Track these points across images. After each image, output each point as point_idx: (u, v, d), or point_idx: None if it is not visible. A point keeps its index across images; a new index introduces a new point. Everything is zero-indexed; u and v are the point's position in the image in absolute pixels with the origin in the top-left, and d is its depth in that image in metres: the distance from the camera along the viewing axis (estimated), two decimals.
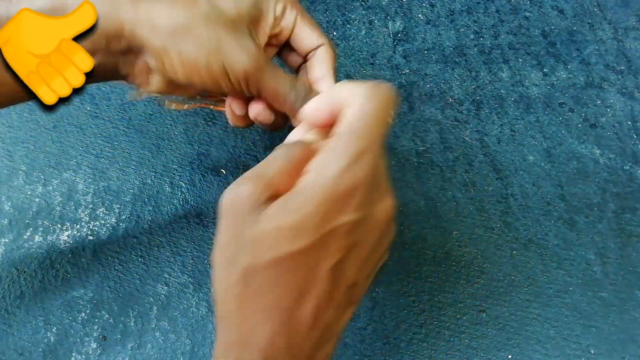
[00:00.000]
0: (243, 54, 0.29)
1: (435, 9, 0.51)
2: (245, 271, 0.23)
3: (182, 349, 0.36)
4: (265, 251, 0.23)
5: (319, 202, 0.23)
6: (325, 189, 0.23)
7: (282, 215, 0.23)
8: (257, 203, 0.24)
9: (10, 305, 0.38)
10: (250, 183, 0.24)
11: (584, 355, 0.36)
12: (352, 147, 0.24)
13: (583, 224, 0.41)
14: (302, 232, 0.23)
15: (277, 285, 0.24)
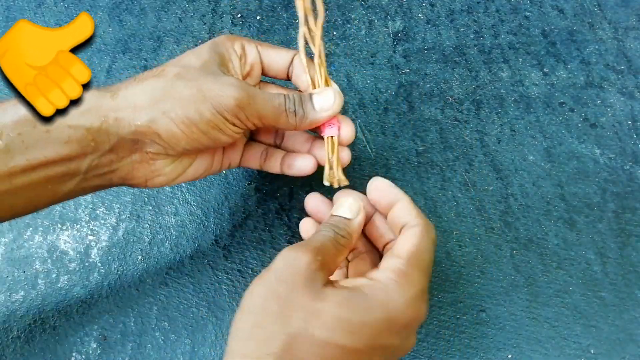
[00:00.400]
0: (227, 88, 0.29)
1: (435, 8, 0.51)
2: (293, 335, 0.25)
3: (182, 349, 0.36)
4: (320, 329, 0.25)
5: (384, 319, 0.26)
6: (394, 311, 0.26)
7: (346, 309, 0.25)
8: (315, 277, 0.26)
9: (11, 305, 0.38)
10: (311, 255, 0.26)
11: (584, 355, 0.36)
12: (419, 280, 0.27)
13: (583, 223, 0.41)
14: (359, 335, 0.25)
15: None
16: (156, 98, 0.29)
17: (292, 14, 0.50)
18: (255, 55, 0.33)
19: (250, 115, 0.30)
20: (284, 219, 0.41)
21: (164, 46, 0.48)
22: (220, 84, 0.29)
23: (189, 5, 0.50)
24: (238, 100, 0.29)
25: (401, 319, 0.26)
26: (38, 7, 0.49)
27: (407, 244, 0.29)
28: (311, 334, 0.25)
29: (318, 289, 0.26)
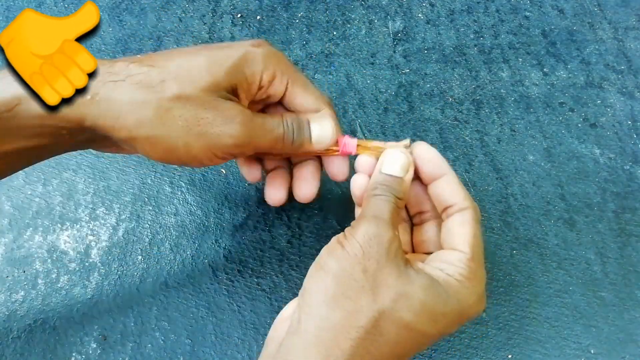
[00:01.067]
0: (226, 126, 0.26)
1: (435, 8, 0.51)
2: (381, 312, 0.25)
3: (182, 349, 0.36)
4: (407, 312, 0.25)
5: (459, 314, 0.27)
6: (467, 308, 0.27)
7: (431, 297, 0.26)
8: (397, 254, 0.26)
9: (11, 305, 0.38)
10: (392, 231, 0.27)
11: (584, 355, 0.36)
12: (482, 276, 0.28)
13: (583, 223, 0.41)
14: (437, 324, 0.26)
15: (394, 344, 0.26)
16: (143, 120, 0.25)
17: (292, 14, 0.50)
18: (279, 92, 0.30)
19: (245, 151, 0.29)
20: (284, 219, 0.41)
21: (164, 46, 0.48)
22: (221, 120, 0.26)
23: (189, 5, 0.50)
24: (236, 140, 0.27)
25: (471, 313, 0.28)
26: (38, 7, 0.49)
27: (465, 233, 0.29)
28: (399, 315, 0.25)
29: (403, 269, 0.26)
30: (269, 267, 0.39)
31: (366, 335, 0.25)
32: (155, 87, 0.26)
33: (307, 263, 0.39)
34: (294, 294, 0.38)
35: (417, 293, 0.26)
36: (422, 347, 0.27)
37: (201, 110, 0.26)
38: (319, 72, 0.47)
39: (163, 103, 0.26)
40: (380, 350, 0.25)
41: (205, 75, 0.26)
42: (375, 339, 0.25)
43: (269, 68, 0.29)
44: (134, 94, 0.26)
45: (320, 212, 0.41)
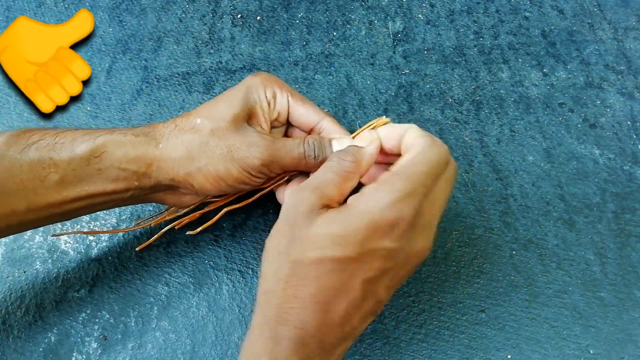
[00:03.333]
0: (253, 149, 0.33)
1: (435, 9, 0.51)
2: (294, 262, 0.28)
3: (183, 349, 0.36)
4: (313, 250, 0.28)
5: (366, 224, 0.27)
6: (373, 214, 0.28)
7: (332, 225, 0.28)
8: (312, 208, 0.29)
9: (11, 305, 0.38)
10: (309, 192, 0.29)
11: (583, 355, 0.36)
12: (403, 186, 0.28)
13: (582, 224, 0.41)
14: (346, 243, 0.28)
15: (317, 280, 0.28)
16: (192, 155, 0.33)
17: (292, 14, 0.50)
18: (284, 105, 0.36)
19: (273, 169, 0.34)
20: None
21: (164, 46, 0.48)
22: (248, 144, 0.33)
23: (189, 5, 0.50)
24: (262, 160, 0.33)
25: (382, 221, 0.27)
26: (38, 7, 0.49)
27: (401, 160, 0.30)
28: (307, 256, 0.28)
29: (313, 218, 0.28)
30: None
31: (287, 285, 0.28)
32: (194, 128, 0.33)
33: None
34: None
35: (319, 229, 0.28)
36: (348, 270, 0.28)
37: (230, 139, 0.33)
38: (319, 73, 0.47)
39: (203, 139, 0.33)
40: (305, 290, 0.28)
41: (227, 111, 0.34)
42: (297, 284, 0.28)
43: (269, 87, 0.35)
44: (182, 136, 0.33)
45: None
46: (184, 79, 0.47)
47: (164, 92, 0.46)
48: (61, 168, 0.30)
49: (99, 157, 0.31)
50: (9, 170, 0.30)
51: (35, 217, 0.32)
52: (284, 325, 0.28)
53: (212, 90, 0.46)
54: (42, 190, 0.30)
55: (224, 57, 0.48)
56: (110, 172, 0.32)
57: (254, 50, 0.48)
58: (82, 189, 0.31)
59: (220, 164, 0.33)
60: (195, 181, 0.33)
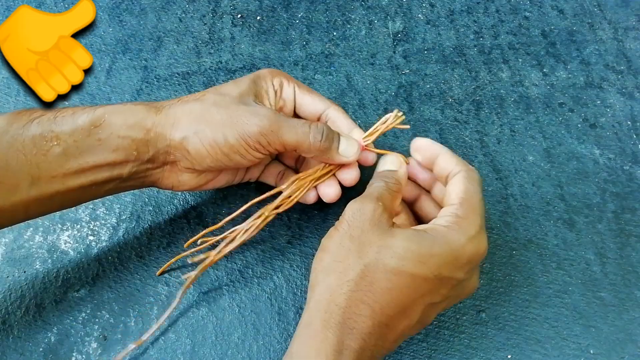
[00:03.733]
0: (254, 117, 0.32)
1: (435, 9, 0.51)
2: (367, 265, 0.28)
3: (182, 348, 0.36)
4: (394, 259, 0.28)
5: (450, 252, 0.29)
6: (459, 245, 0.29)
7: (416, 243, 0.29)
8: (381, 218, 0.30)
9: (11, 305, 0.38)
10: (374, 201, 0.31)
11: (583, 355, 0.36)
12: (479, 220, 0.30)
13: (582, 224, 0.41)
14: (429, 264, 0.28)
15: (390, 292, 0.28)
16: (192, 119, 0.32)
17: (292, 14, 0.50)
18: (291, 95, 0.37)
19: (272, 141, 0.33)
20: (284, 219, 0.41)
21: (164, 46, 0.48)
22: (249, 113, 0.32)
23: (189, 5, 0.50)
24: (261, 127, 0.32)
25: (464, 254, 0.29)
26: (38, 6, 0.49)
27: (455, 190, 0.31)
28: (384, 263, 0.28)
29: (386, 229, 0.29)
30: (269, 267, 0.39)
31: (357, 287, 0.28)
32: (199, 99, 0.33)
33: (307, 263, 0.39)
34: (294, 294, 0.38)
35: (399, 242, 0.29)
36: (421, 290, 0.28)
37: (233, 108, 0.33)
38: (319, 73, 0.47)
39: (205, 107, 0.33)
40: (374, 298, 0.28)
41: (233, 89, 0.34)
42: (367, 289, 0.28)
43: (276, 77, 0.36)
44: (184, 105, 0.33)
45: (320, 212, 0.41)
46: (184, 78, 0.47)
47: (164, 92, 0.46)
48: (63, 140, 0.31)
49: (99, 127, 0.31)
50: (12, 145, 0.30)
51: (39, 193, 0.31)
52: (349, 334, 0.27)
53: None
54: (45, 165, 0.30)
55: (224, 57, 0.48)
56: (111, 141, 0.31)
57: (254, 50, 0.48)
58: (84, 160, 0.31)
59: (218, 130, 0.32)
60: (190, 146, 0.32)
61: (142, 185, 0.35)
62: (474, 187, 0.31)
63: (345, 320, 0.27)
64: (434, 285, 0.29)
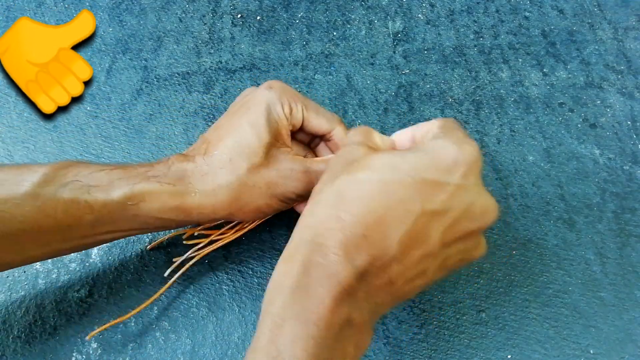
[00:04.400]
0: (289, 185, 0.33)
1: (435, 9, 0.51)
2: (337, 185, 0.26)
3: (183, 349, 0.36)
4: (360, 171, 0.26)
5: (429, 157, 0.26)
6: (433, 148, 0.27)
7: (385, 155, 0.27)
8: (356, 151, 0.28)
9: (11, 305, 0.38)
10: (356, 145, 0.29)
11: (583, 355, 0.36)
12: (457, 133, 0.28)
13: (582, 224, 0.41)
14: (399, 169, 0.26)
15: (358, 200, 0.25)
16: (233, 197, 0.32)
17: (292, 14, 0.50)
18: (299, 116, 0.36)
19: (306, 195, 0.33)
20: (284, 219, 0.41)
21: (164, 46, 0.48)
22: (284, 178, 0.33)
23: (189, 5, 0.50)
24: (296, 191, 0.34)
25: (446, 155, 0.26)
26: (38, 7, 0.49)
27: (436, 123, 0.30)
28: (354, 177, 0.26)
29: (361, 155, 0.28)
30: (269, 267, 0.39)
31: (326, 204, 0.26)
32: (229, 169, 0.32)
33: None
34: None
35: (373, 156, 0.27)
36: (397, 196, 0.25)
37: (266, 175, 0.33)
38: (319, 73, 0.47)
39: (242, 180, 0.32)
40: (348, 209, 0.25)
41: (256, 143, 0.33)
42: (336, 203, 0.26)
43: (285, 102, 0.34)
44: (219, 180, 0.32)
45: None
46: (184, 78, 0.47)
47: (163, 92, 0.46)
48: (96, 210, 0.31)
49: (136, 205, 0.31)
50: (43, 210, 0.30)
51: (70, 246, 0.33)
52: (317, 251, 0.25)
53: (212, 90, 0.46)
54: (76, 227, 0.31)
55: (224, 57, 0.48)
56: (147, 219, 0.32)
57: (254, 50, 0.48)
58: (118, 227, 0.32)
59: (260, 200, 0.33)
60: (235, 217, 0.34)
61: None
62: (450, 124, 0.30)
63: (313, 237, 0.25)
64: (418, 190, 0.25)
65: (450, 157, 0.26)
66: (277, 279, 0.26)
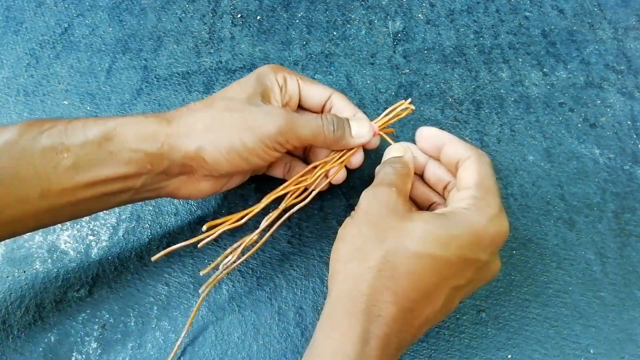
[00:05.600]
0: (268, 118, 0.32)
1: (435, 9, 0.51)
2: (388, 250, 0.28)
3: (182, 348, 0.36)
4: (413, 242, 0.27)
5: (471, 233, 0.28)
6: (479, 225, 0.28)
7: (434, 225, 0.28)
8: (397, 204, 0.30)
9: (11, 305, 0.38)
10: (387, 187, 0.30)
11: (583, 355, 0.36)
12: (497, 201, 0.29)
13: (583, 223, 0.41)
14: (450, 246, 0.27)
15: (412, 275, 0.27)
16: (205, 128, 0.32)
17: (292, 14, 0.50)
18: (295, 88, 0.36)
19: (290, 139, 0.33)
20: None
21: (164, 46, 0.48)
22: (263, 114, 0.32)
23: (189, 5, 0.50)
24: (279, 127, 0.32)
25: (486, 234, 0.28)
26: (38, 7, 0.49)
27: (468, 173, 0.31)
28: (405, 246, 0.27)
29: (404, 213, 0.29)
30: (269, 267, 0.39)
31: (379, 274, 0.27)
32: (208, 106, 0.33)
33: (307, 263, 0.39)
34: (294, 294, 0.38)
35: (419, 225, 0.28)
36: (444, 273, 0.27)
37: (246, 112, 0.32)
38: (319, 73, 0.47)
39: (216, 113, 0.32)
40: (397, 283, 0.27)
41: (240, 92, 0.34)
42: (390, 275, 0.27)
43: (279, 73, 0.36)
44: (195, 114, 0.33)
45: (320, 212, 0.41)
46: (183, 78, 0.47)
47: (163, 92, 0.46)
48: (73, 152, 0.30)
49: (111, 140, 0.31)
50: (22, 157, 0.29)
51: (49, 205, 0.31)
52: (374, 322, 0.26)
53: (212, 90, 0.46)
54: (55, 177, 0.30)
55: (223, 57, 0.48)
56: (123, 155, 0.31)
57: (254, 50, 0.48)
58: (95, 173, 0.31)
59: (234, 135, 0.32)
60: (207, 155, 0.32)
61: (157, 196, 0.35)
62: (486, 169, 0.31)
63: (369, 307, 0.27)
64: (457, 268, 0.28)
65: (489, 237, 0.28)
66: (332, 344, 0.27)
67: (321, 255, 0.39)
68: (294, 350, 0.36)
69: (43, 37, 0.49)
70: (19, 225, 0.32)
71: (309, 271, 0.39)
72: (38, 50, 0.49)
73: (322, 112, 0.38)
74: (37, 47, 0.49)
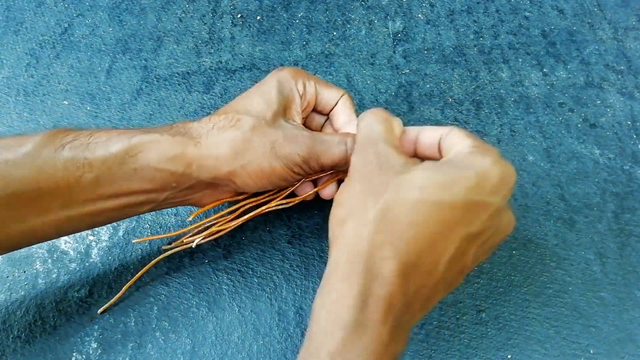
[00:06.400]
0: (295, 145, 0.32)
1: (435, 9, 0.51)
2: (386, 202, 0.25)
3: (182, 348, 0.36)
4: (412, 191, 0.25)
5: (477, 174, 0.25)
6: (483, 168, 0.26)
7: (436, 171, 0.26)
8: (385, 155, 0.27)
9: (11, 305, 0.38)
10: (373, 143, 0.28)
11: (583, 355, 0.36)
12: (493, 150, 0.27)
13: (582, 224, 0.41)
14: (451, 189, 0.25)
15: (411, 226, 0.25)
16: (235, 152, 0.32)
17: (292, 14, 0.50)
18: (313, 94, 0.36)
19: (312, 166, 0.33)
20: (284, 219, 0.41)
21: (164, 46, 0.48)
22: (289, 140, 0.33)
23: (189, 5, 0.50)
24: (302, 157, 0.33)
25: (492, 175, 0.26)
26: (38, 7, 0.49)
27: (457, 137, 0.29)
28: (403, 196, 0.25)
29: (399, 164, 0.27)
30: (269, 267, 0.39)
31: (377, 229, 0.25)
32: (235, 125, 0.32)
33: (308, 263, 0.39)
34: (294, 294, 0.38)
35: (418, 172, 0.26)
36: (449, 219, 0.25)
37: (272, 135, 0.32)
38: (319, 73, 0.47)
39: (246, 135, 0.32)
40: (398, 236, 0.25)
41: (265, 108, 0.33)
42: (390, 228, 0.25)
43: (299, 80, 0.35)
44: (223, 134, 0.32)
45: (320, 212, 0.41)
46: (183, 78, 0.47)
47: (163, 92, 0.46)
48: (96, 167, 0.30)
49: (134, 157, 0.31)
50: (43, 169, 0.29)
51: (70, 215, 0.31)
52: (374, 280, 0.24)
53: (212, 90, 0.46)
54: (77, 189, 0.30)
55: (223, 57, 0.48)
56: (147, 172, 0.31)
57: (254, 50, 0.48)
58: (118, 186, 0.31)
59: (264, 161, 0.32)
60: (237, 178, 0.32)
61: (180, 205, 0.35)
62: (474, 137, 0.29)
63: (369, 266, 0.25)
64: (465, 213, 0.25)
65: (497, 178, 0.26)
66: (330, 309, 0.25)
67: (321, 255, 0.39)
68: (294, 351, 0.36)
69: (43, 37, 0.49)
70: (40, 234, 0.32)
71: (309, 271, 0.39)
72: (38, 50, 0.49)
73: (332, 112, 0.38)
74: (37, 47, 0.49)
